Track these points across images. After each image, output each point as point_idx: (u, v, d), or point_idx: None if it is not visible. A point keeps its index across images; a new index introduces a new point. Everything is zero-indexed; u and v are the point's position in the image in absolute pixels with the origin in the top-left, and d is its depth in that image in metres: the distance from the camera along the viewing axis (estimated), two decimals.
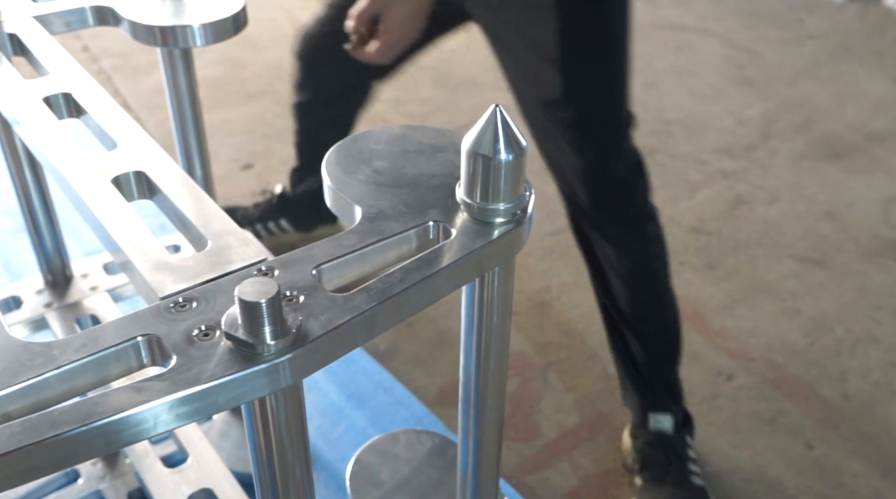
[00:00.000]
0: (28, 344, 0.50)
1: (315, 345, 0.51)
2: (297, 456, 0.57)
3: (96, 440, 0.46)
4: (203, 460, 0.94)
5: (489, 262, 0.61)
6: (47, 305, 1.12)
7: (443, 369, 1.61)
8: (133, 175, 0.67)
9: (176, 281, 0.56)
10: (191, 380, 0.48)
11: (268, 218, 1.89)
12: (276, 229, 1.90)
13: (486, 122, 0.57)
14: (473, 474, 0.78)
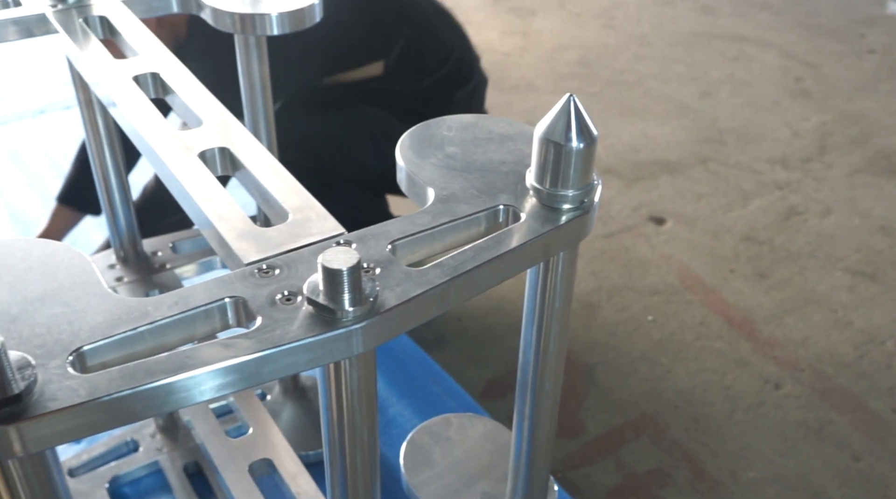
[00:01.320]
0: (124, 299, 0.53)
1: (390, 314, 0.54)
2: (365, 421, 0.60)
3: (187, 391, 0.49)
4: (263, 432, 0.97)
5: (556, 246, 0.63)
6: (118, 280, 1.16)
7: (490, 364, 1.63)
8: (218, 151, 0.70)
9: (260, 249, 0.59)
10: (275, 339, 0.51)
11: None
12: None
13: (559, 110, 0.60)
14: (527, 458, 0.80)
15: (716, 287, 1.85)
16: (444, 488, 0.88)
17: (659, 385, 1.59)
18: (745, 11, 3.40)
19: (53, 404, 0.46)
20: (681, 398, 1.57)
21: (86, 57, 0.83)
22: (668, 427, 1.50)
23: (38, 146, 2.22)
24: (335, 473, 0.62)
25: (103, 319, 0.52)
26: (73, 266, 0.56)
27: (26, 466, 0.49)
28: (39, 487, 0.50)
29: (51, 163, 2.15)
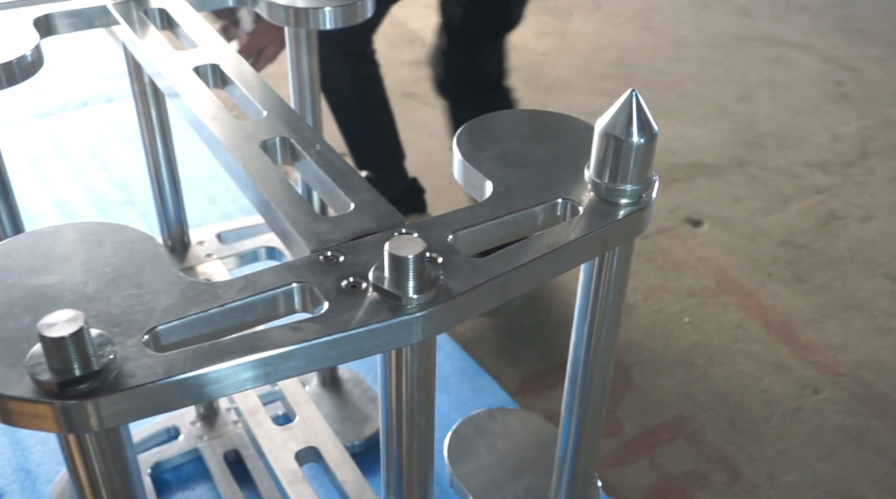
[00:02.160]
0: (195, 283, 0.55)
1: (453, 303, 0.55)
2: (423, 409, 0.60)
3: (258, 370, 0.50)
4: (309, 421, 0.99)
5: (613, 241, 0.64)
6: None
7: (526, 362, 1.63)
8: (279, 141, 0.71)
9: (324, 237, 0.60)
10: (341, 325, 0.52)
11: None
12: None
13: (621, 105, 0.60)
14: (573, 452, 0.81)
15: (753, 290, 1.84)
16: (489, 480, 0.89)
17: (695, 387, 1.59)
18: (785, 14, 3.37)
19: (132, 380, 0.47)
20: (717, 401, 1.56)
21: (146, 48, 0.85)
22: (704, 429, 1.50)
23: (81, 138, 2.26)
24: (391, 459, 0.63)
25: (175, 300, 0.53)
26: (144, 249, 0.57)
27: (102, 440, 0.50)
28: (113, 461, 0.51)
29: (93, 154, 2.18)
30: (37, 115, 2.34)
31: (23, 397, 0.46)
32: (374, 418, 1.40)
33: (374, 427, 1.39)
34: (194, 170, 2.11)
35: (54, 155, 2.18)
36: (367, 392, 1.45)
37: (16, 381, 0.47)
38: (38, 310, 0.51)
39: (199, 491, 1.31)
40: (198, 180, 2.07)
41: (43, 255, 0.56)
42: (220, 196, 2.05)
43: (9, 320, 0.51)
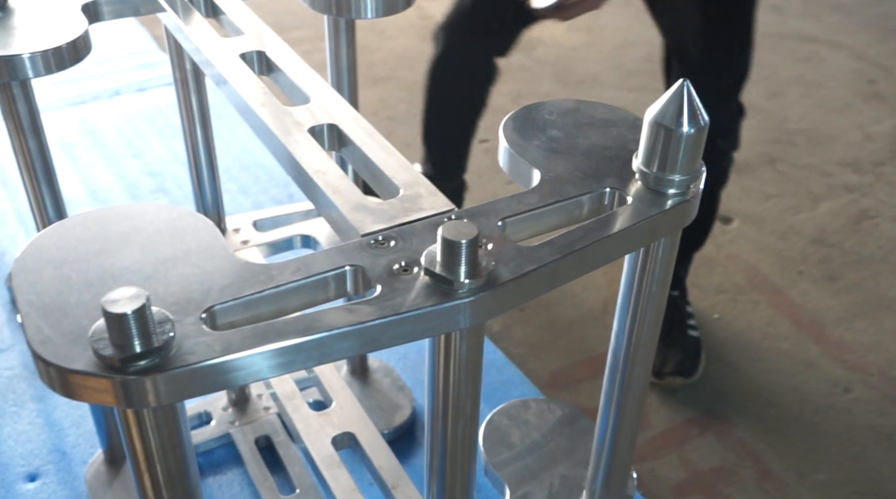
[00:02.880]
0: (250, 264, 0.55)
1: (504, 289, 0.55)
2: (469, 394, 0.61)
3: (313, 351, 0.51)
4: (346, 407, 0.99)
5: (660, 231, 0.64)
6: None
7: (554, 355, 1.63)
8: (326, 127, 0.72)
9: (375, 221, 0.60)
10: (395, 307, 0.53)
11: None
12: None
13: (672, 95, 0.60)
14: (611, 442, 0.81)
15: (784, 288, 1.83)
16: (523, 468, 0.89)
17: (725, 384, 1.58)
18: (816, 12, 3.34)
19: (192, 357, 0.48)
20: (747, 398, 1.56)
21: (193, 35, 0.86)
22: (734, 426, 1.50)
23: (113, 126, 2.28)
24: (436, 441, 0.63)
25: (231, 280, 0.54)
26: (199, 230, 0.58)
27: (159, 416, 0.51)
28: (168, 437, 0.52)
29: (126, 142, 2.20)
30: (70, 104, 2.36)
31: (85, 370, 0.47)
32: (404, 408, 1.41)
33: (403, 416, 1.40)
34: (225, 159, 2.12)
35: (87, 143, 2.20)
36: (397, 382, 1.46)
37: (78, 355, 0.48)
38: (99, 288, 0.52)
39: (231, 475, 1.32)
40: (229, 170, 2.09)
41: (101, 235, 0.57)
42: (250, 186, 2.06)
43: (71, 297, 0.52)
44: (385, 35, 2.97)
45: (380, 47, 2.88)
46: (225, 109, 2.30)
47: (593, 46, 2.98)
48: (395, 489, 0.89)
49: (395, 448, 1.35)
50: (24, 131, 0.98)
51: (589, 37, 3.06)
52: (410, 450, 1.37)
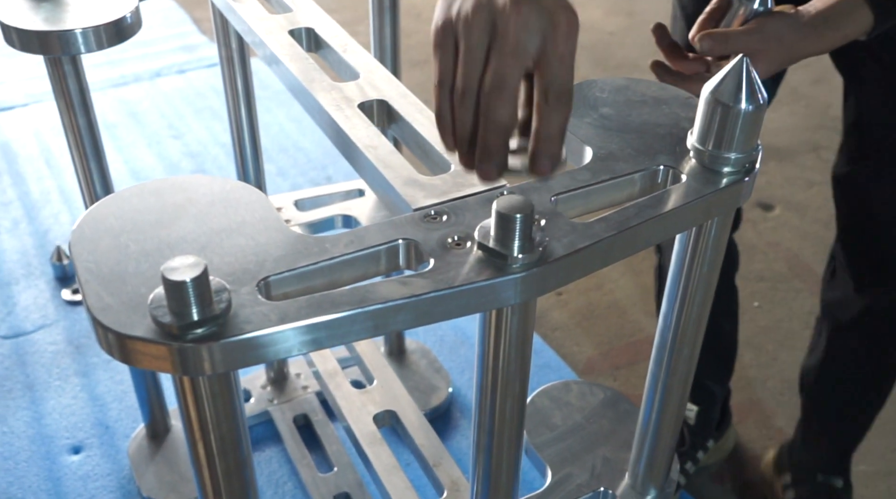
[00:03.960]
0: (303, 236, 0.56)
1: (557, 264, 0.55)
2: (518, 371, 0.61)
3: (367, 322, 0.51)
4: (387, 385, 1.00)
5: (715, 209, 0.63)
6: None
7: (591, 341, 1.63)
8: (376, 103, 0.72)
9: (427, 196, 0.60)
10: (448, 280, 0.52)
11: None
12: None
13: (730, 70, 0.59)
14: (655, 424, 0.80)
15: None
16: (565, 449, 0.89)
17: (765, 372, 1.56)
18: None
19: (248, 326, 0.48)
20: (787, 386, 1.54)
21: (242, 11, 0.86)
22: (773, 414, 1.48)
23: (154, 107, 2.31)
24: (484, 418, 0.63)
25: (285, 252, 0.54)
26: (252, 202, 0.58)
27: (214, 384, 0.52)
28: (223, 406, 0.53)
29: (167, 123, 2.23)
30: (112, 85, 2.39)
31: (144, 337, 0.47)
32: (440, 389, 1.42)
33: (440, 398, 1.40)
34: (264, 141, 2.13)
35: (129, 123, 2.23)
36: (434, 364, 1.46)
37: (137, 322, 0.48)
38: (156, 257, 0.53)
39: (269, 453, 1.34)
40: (267, 152, 2.10)
41: (157, 206, 0.57)
42: (288, 168, 2.07)
43: (129, 266, 0.52)
44: (421, 18, 2.96)
45: (416, 30, 2.87)
46: (262, 92, 2.31)
47: (632, 30, 2.95)
48: (437, 467, 0.90)
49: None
50: (74, 108, 0.99)
51: (628, 21, 3.03)
52: (447, 432, 1.38)
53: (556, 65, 0.54)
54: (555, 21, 0.53)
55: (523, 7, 0.53)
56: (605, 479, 0.85)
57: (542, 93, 0.54)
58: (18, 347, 1.51)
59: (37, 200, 1.91)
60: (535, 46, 0.53)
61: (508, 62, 0.53)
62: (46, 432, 1.36)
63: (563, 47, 0.54)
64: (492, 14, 0.53)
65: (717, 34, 0.80)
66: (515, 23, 0.53)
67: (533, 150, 0.54)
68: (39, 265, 1.71)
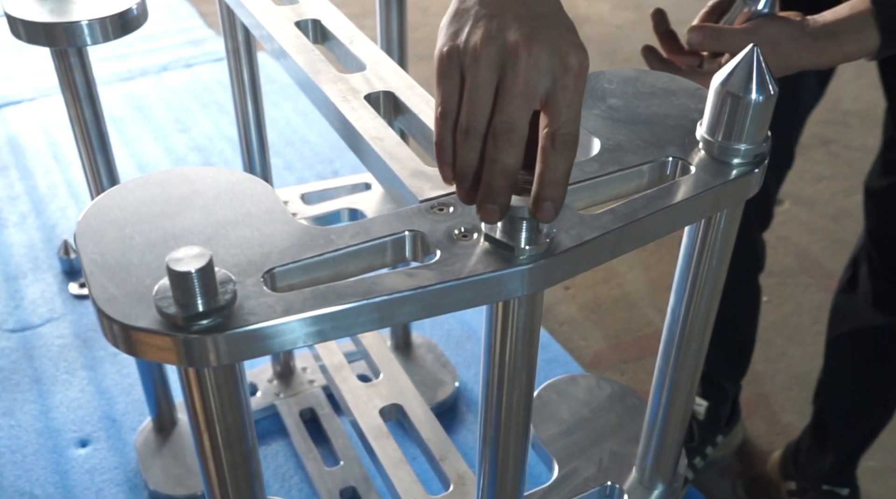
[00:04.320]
0: (309, 228, 0.55)
1: (565, 256, 0.54)
2: (526, 364, 0.60)
3: (373, 314, 0.50)
4: (393, 379, 1.00)
5: (724, 201, 0.62)
6: None
7: (598, 335, 1.62)
8: (383, 95, 0.72)
9: (433, 187, 0.60)
10: (455, 272, 0.52)
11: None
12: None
13: (740, 61, 0.59)
14: (663, 419, 0.80)
15: (835, 272, 1.79)
16: (572, 444, 0.89)
17: (773, 367, 1.56)
18: None
19: (253, 318, 0.48)
20: (796, 382, 1.53)
21: (248, 3, 0.86)
22: (782, 410, 1.47)
23: (161, 101, 2.31)
24: (490, 412, 0.63)
25: (291, 243, 0.54)
26: (258, 194, 0.58)
27: (219, 376, 0.51)
28: (228, 397, 0.52)
29: (173, 117, 2.23)
30: (119, 79, 2.39)
31: (149, 328, 0.47)
32: (447, 383, 1.41)
33: (446, 392, 1.40)
34: (271, 135, 2.13)
35: (136, 117, 2.23)
36: (440, 358, 1.46)
37: (142, 313, 0.48)
38: (161, 248, 0.53)
39: (276, 446, 1.34)
40: (274, 146, 2.10)
41: (162, 197, 0.57)
42: (295, 162, 2.07)
43: (134, 257, 0.52)
44: (429, 12, 2.95)
45: (423, 24, 2.86)
46: (269, 86, 2.31)
47: (640, 24, 2.93)
48: (443, 461, 0.89)
49: None
50: (80, 101, 0.99)
51: (636, 14, 3.01)
52: (454, 426, 1.38)
53: (564, 110, 0.51)
54: (566, 64, 0.51)
55: (534, 46, 0.50)
56: (613, 473, 0.84)
57: (549, 137, 0.51)
58: (26, 340, 1.51)
59: (44, 195, 1.92)
60: (544, 88, 0.51)
61: (518, 104, 0.51)
62: (54, 426, 1.36)
63: (572, 92, 0.51)
64: (502, 50, 0.51)
65: (709, 29, 0.77)
66: (526, 62, 0.50)
67: (536, 194, 0.51)
68: (47, 259, 1.71)
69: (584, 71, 0.52)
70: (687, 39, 0.78)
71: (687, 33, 0.78)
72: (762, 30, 0.76)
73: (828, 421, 1.25)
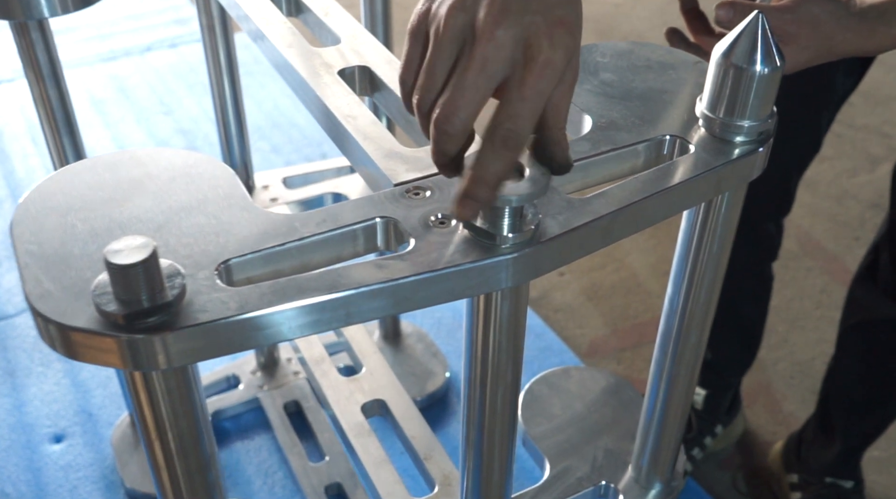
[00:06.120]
0: (270, 215, 0.50)
1: (552, 244, 0.49)
2: (510, 360, 0.56)
3: (339, 310, 0.46)
4: (376, 373, 0.95)
5: (726, 183, 0.57)
6: None
7: (594, 322, 1.57)
8: (358, 70, 0.66)
9: (409, 170, 0.55)
10: (431, 263, 0.47)
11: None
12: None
13: (744, 29, 0.53)
14: (660, 414, 0.75)
15: (839, 255, 1.74)
16: (564, 441, 0.84)
17: (775, 354, 1.51)
18: None
19: (203, 315, 0.43)
20: (798, 370, 1.48)
21: None
22: (783, 398, 1.43)
23: (144, 82, 2.24)
24: (473, 410, 0.58)
25: (250, 232, 0.49)
26: (217, 178, 0.53)
27: (169, 380, 0.46)
28: (180, 403, 0.47)
29: (157, 99, 2.17)
30: (102, 59, 2.33)
31: (87, 328, 0.42)
32: (437, 374, 1.37)
33: (436, 383, 1.36)
34: (258, 118, 2.08)
35: (119, 99, 2.17)
36: (430, 347, 1.41)
37: (80, 311, 0.43)
38: (106, 238, 0.48)
39: (259, 441, 1.29)
40: (261, 129, 2.04)
41: (111, 181, 0.52)
42: (283, 145, 2.02)
43: (74, 248, 0.47)
44: None
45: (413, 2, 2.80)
46: (256, 66, 2.25)
47: (639, 2, 2.87)
48: (428, 461, 0.85)
49: (428, 416, 1.31)
50: (43, 79, 0.93)
51: None
52: (444, 418, 1.33)
53: (514, 104, 0.44)
54: (528, 55, 0.44)
55: (498, 30, 0.44)
56: (607, 472, 0.80)
57: (490, 131, 0.45)
58: (0, 331, 1.47)
59: (21, 179, 1.86)
60: (500, 76, 0.45)
61: (465, 93, 0.45)
62: (27, 421, 1.31)
63: (530, 89, 0.44)
64: (466, 25, 0.45)
65: (740, 5, 0.67)
66: (486, 45, 0.44)
67: (460, 188, 0.46)
68: None
69: (549, 69, 0.44)
70: (715, 17, 0.68)
71: (715, 9, 0.68)
72: (802, 7, 0.66)
73: (834, 412, 1.21)
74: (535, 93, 0.44)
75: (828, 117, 1.09)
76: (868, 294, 1.11)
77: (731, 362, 1.29)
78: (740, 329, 1.26)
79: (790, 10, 0.65)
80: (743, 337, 1.28)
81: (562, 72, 0.45)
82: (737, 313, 1.19)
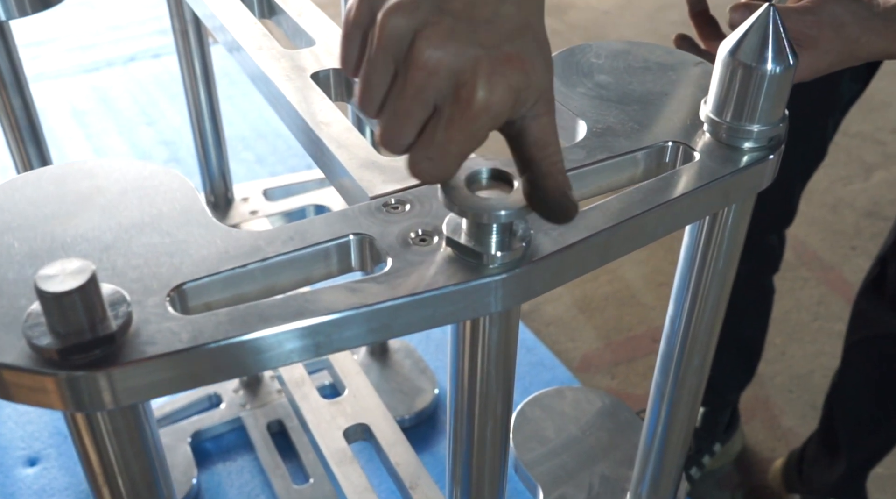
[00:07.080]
0: (231, 232, 0.45)
1: (545, 263, 0.44)
2: (500, 391, 0.51)
3: (305, 341, 0.41)
4: (360, 395, 0.90)
5: (734, 194, 0.53)
6: None
7: (586, 336, 1.53)
8: (332, 73, 0.61)
9: (386, 181, 0.50)
10: (410, 287, 0.42)
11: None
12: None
13: (753, 24, 0.49)
14: (661, 441, 0.70)
15: (835, 265, 1.70)
16: (558, 467, 0.79)
17: (772, 367, 1.47)
18: None
19: (151, 348, 0.38)
20: (796, 383, 1.44)
21: None
22: (781, 413, 1.38)
23: (127, 93, 2.19)
24: (459, 445, 0.53)
25: (208, 252, 0.44)
26: (173, 191, 0.48)
27: (116, 420, 0.41)
28: (130, 444, 0.42)
29: (139, 110, 2.11)
30: (84, 70, 2.27)
31: (17, 365, 0.37)
32: (426, 391, 1.32)
33: (425, 401, 1.30)
34: (242, 128, 2.03)
35: (100, 110, 2.11)
36: (419, 363, 1.36)
37: (10, 346, 0.38)
38: (45, 260, 0.43)
39: (241, 462, 1.24)
40: (245, 139, 1.99)
41: (56, 195, 0.47)
42: (267, 155, 1.97)
43: (9, 272, 0.42)
44: None
45: None
46: (240, 75, 2.20)
47: (627, 9, 2.83)
48: (414, 490, 0.80)
49: (417, 435, 1.26)
50: (5, 87, 0.88)
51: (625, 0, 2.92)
52: (432, 437, 1.28)
53: (437, 139, 0.39)
54: (458, 96, 0.38)
55: (434, 57, 0.37)
56: None
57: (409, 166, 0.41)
58: None
59: None
60: (430, 106, 0.39)
61: (403, 116, 0.39)
62: (0, 443, 1.25)
63: (453, 130, 0.38)
64: (405, 33, 0.38)
65: (756, 7, 0.58)
66: (418, 72, 0.38)
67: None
68: None
69: (482, 112, 0.38)
70: (729, 20, 0.63)
71: (729, 12, 0.63)
72: (824, 8, 0.61)
73: (839, 429, 1.16)
74: (459, 134, 0.39)
75: (834, 124, 1.04)
76: (874, 308, 1.07)
77: (731, 379, 1.24)
78: (740, 345, 1.22)
79: (811, 11, 0.60)
80: (743, 353, 1.23)
81: (500, 115, 0.39)
82: (737, 328, 1.15)
